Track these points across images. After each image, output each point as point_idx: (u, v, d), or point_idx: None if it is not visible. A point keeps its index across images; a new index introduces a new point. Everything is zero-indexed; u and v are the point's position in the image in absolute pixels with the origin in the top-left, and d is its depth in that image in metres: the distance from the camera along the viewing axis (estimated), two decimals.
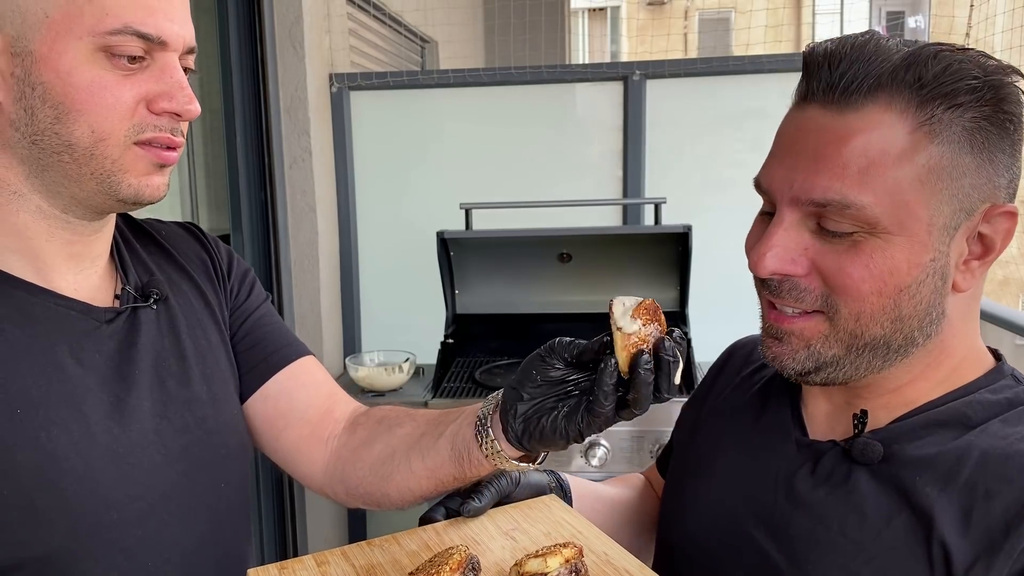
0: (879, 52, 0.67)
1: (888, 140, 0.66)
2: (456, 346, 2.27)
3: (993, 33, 2.49)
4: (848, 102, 0.67)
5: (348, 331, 2.61)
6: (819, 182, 0.67)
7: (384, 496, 0.91)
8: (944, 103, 0.66)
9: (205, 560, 0.84)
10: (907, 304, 0.69)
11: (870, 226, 0.67)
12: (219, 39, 2.15)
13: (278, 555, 2.38)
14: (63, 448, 0.73)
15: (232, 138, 2.17)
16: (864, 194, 0.66)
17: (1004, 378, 0.74)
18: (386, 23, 3.07)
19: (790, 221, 0.70)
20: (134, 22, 0.71)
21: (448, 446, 0.84)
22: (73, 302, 0.79)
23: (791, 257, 0.70)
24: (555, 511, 0.84)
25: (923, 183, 0.66)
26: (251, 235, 2.26)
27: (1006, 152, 0.68)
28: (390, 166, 2.56)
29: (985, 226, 0.69)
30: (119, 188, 0.76)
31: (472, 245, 2.22)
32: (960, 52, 0.67)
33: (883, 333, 0.70)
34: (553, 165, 2.49)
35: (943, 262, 0.68)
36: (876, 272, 0.68)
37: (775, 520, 0.76)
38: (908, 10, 13.09)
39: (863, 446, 0.72)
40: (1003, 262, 4.25)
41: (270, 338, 0.97)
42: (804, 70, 0.71)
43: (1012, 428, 0.69)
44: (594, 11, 13.87)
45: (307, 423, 0.95)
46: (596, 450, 1.95)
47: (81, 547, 0.74)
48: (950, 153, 0.66)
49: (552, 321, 2.28)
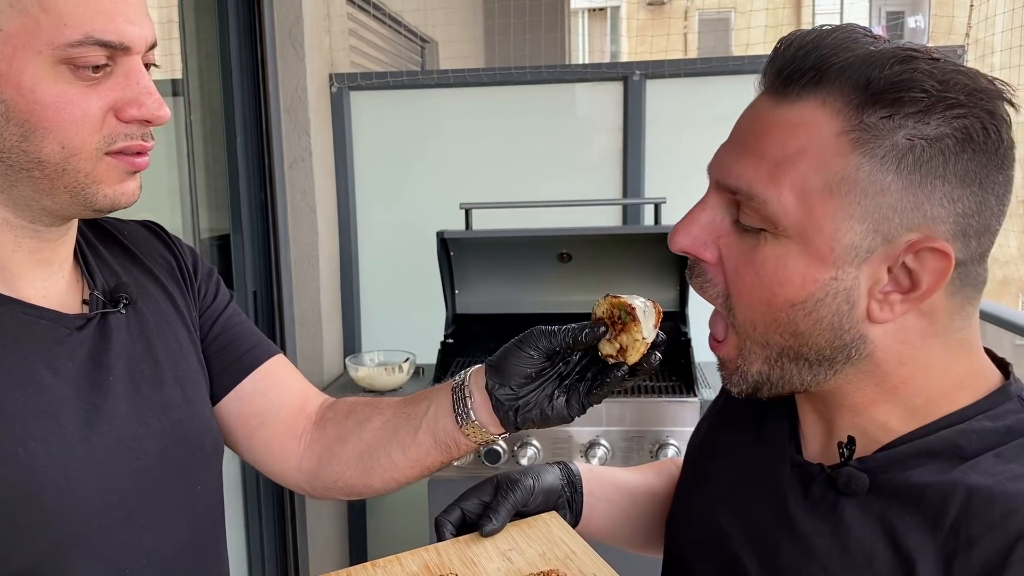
0: (840, 46, 0.61)
1: (810, 138, 0.61)
2: (456, 346, 2.27)
3: (993, 33, 2.49)
4: (786, 93, 0.63)
5: (348, 331, 2.61)
6: (735, 168, 0.65)
7: (368, 487, 0.95)
8: (884, 111, 0.59)
9: (184, 563, 0.84)
10: (803, 321, 0.64)
11: (773, 225, 0.63)
12: (219, 39, 2.15)
13: (279, 560, 2.38)
14: (42, 461, 0.72)
15: (232, 138, 2.17)
16: (770, 189, 0.62)
17: (1009, 400, 0.66)
18: (386, 23, 3.07)
19: (711, 203, 0.68)
20: (95, 31, 0.68)
21: (430, 439, 0.89)
22: (43, 311, 0.78)
23: (703, 240, 0.68)
24: (554, 530, 0.85)
25: (832, 193, 0.61)
26: (251, 235, 2.26)
27: (948, 181, 0.59)
28: (390, 166, 2.56)
29: (911, 259, 0.61)
30: (95, 199, 0.74)
31: (472, 245, 2.22)
32: (933, 60, 0.60)
33: (786, 344, 0.66)
34: (553, 165, 2.49)
35: (848, 285, 0.62)
36: (766, 281, 0.64)
37: (766, 544, 0.72)
38: (908, 10, 13.08)
39: (848, 477, 0.67)
40: (1003, 262, 4.21)
41: (241, 338, 0.97)
42: (768, 59, 0.67)
43: (1005, 464, 0.61)
44: (594, 11, 13.87)
45: (281, 421, 0.97)
46: (596, 450, 1.95)
47: (63, 558, 0.73)
48: (870, 167, 0.60)
49: (552, 321, 2.27)
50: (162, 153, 2.05)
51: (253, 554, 2.32)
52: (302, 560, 2.42)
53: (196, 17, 2.11)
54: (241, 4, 2.17)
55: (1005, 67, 2.57)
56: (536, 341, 0.84)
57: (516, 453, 1.97)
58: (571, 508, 0.92)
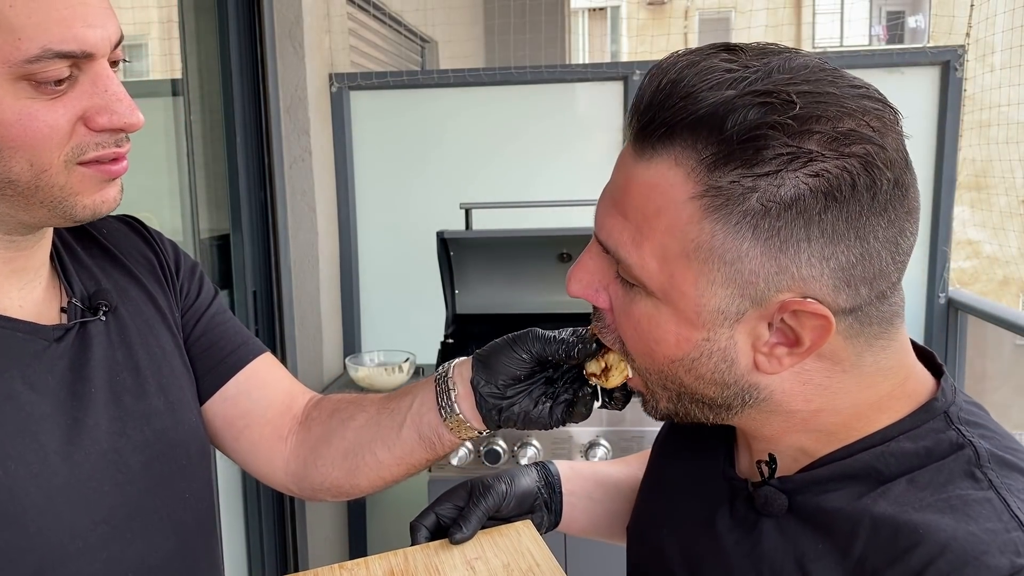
0: (699, 87, 0.55)
1: (665, 201, 0.57)
2: (456, 346, 2.27)
3: (993, 33, 2.49)
4: (643, 148, 0.58)
5: (348, 331, 2.61)
6: (606, 224, 0.62)
7: (354, 487, 0.92)
8: (733, 174, 0.54)
9: (172, 572, 0.83)
10: (685, 376, 0.62)
11: (643, 285, 0.60)
12: (219, 39, 2.15)
13: (279, 561, 2.38)
14: (22, 483, 0.70)
15: (232, 138, 2.17)
16: (633, 253, 0.59)
17: (933, 418, 0.61)
18: (386, 23, 3.07)
19: (597, 250, 0.65)
20: (52, 43, 0.64)
21: (415, 436, 0.86)
22: (18, 323, 0.75)
23: (594, 286, 0.66)
24: (524, 540, 0.84)
25: (690, 260, 0.57)
26: (251, 235, 2.26)
27: (818, 242, 0.54)
28: (390, 166, 2.56)
29: (788, 316, 0.57)
30: (74, 211, 0.71)
31: (472, 245, 2.22)
32: (810, 101, 0.53)
33: (677, 394, 0.64)
34: (553, 165, 2.49)
35: (722, 345, 0.59)
36: (643, 337, 0.62)
37: (693, 562, 0.71)
38: (908, 10, 13.08)
39: (766, 497, 0.64)
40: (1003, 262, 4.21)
41: (226, 337, 0.94)
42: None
43: (917, 492, 0.58)
44: (594, 11, 13.87)
45: (268, 422, 0.94)
46: (596, 450, 1.95)
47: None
48: (725, 235, 0.55)
49: (552, 321, 2.27)
50: (162, 153, 2.05)
51: (253, 554, 2.32)
52: (302, 560, 2.41)
53: (196, 17, 2.11)
54: (241, 4, 2.17)
55: (1005, 67, 2.57)
56: (531, 345, 0.81)
57: (516, 453, 1.97)
58: (550, 508, 0.90)
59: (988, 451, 0.59)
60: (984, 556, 0.52)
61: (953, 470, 0.58)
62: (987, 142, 2.64)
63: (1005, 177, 2.66)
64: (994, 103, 2.59)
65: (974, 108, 2.55)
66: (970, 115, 2.47)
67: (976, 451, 0.59)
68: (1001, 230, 3.04)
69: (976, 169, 2.74)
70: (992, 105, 2.59)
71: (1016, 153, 2.61)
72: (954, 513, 0.55)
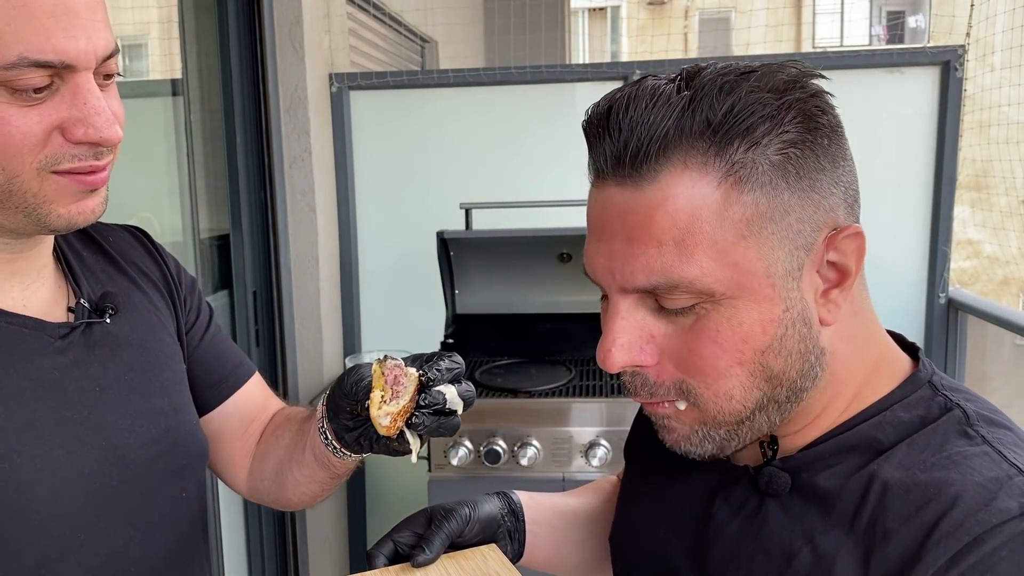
0: (657, 104, 0.59)
1: (695, 203, 0.59)
2: (456, 346, 2.27)
3: (993, 33, 2.49)
4: (641, 173, 0.60)
5: (348, 331, 2.61)
6: (638, 267, 0.61)
7: (287, 501, 0.99)
8: (743, 143, 0.58)
9: (170, 569, 0.84)
10: (776, 362, 0.62)
11: (708, 296, 0.60)
12: (219, 39, 2.15)
13: (279, 561, 2.38)
14: (27, 477, 0.71)
15: (232, 138, 2.17)
16: (688, 267, 0.59)
17: (920, 388, 0.66)
18: (386, 23, 3.07)
19: (625, 308, 0.63)
20: (29, 51, 0.63)
21: (312, 457, 0.91)
22: (24, 319, 0.76)
23: (638, 347, 0.64)
24: (490, 563, 0.82)
25: (746, 237, 0.59)
26: (251, 235, 2.26)
27: (826, 170, 0.61)
28: (390, 166, 2.56)
29: (833, 254, 0.62)
30: (48, 219, 0.71)
31: (472, 245, 2.22)
32: (744, 76, 0.60)
33: (762, 395, 0.64)
34: (553, 165, 2.49)
35: (800, 307, 0.62)
36: (729, 345, 0.61)
37: (699, 555, 0.71)
38: (908, 10, 13.09)
39: (769, 476, 0.67)
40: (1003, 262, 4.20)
41: (225, 356, 0.99)
42: (588, 145, 0.64)
43: (918, 454, 0.62)
44: (594, 11, 13.87)
45: (243, 439, 1.00)
46: (596, 450, 1.95)
47: (49, 572, 0.73)
48: (765, 197, 0.59)
49: (552, 321, 2.28)
50: (162, 153, 2.05)
51: (253, 555, 2.31)
52: (301, 561, 2.41)
53: (196, 17, 2.11)
54: (241, 4, 2.17)
55: (1005, 67, 2.57)
56: (354, 383, 0.82)
57: (516, 453, 1.97)
58: (513, 538, 0.88)
59: (975, 411, 0.64)
60: (994, 501, 0.56)
61: (947, 431, 0.63)
62: (987, 142, 2.63)
63: (1005, 177, 2.66)
64: (994, 103, 2.59)
65: (974, 108, 2.55)
66: (970, 115, 2.47)
67: (965, 412, 0.64)
68: (1001, 230, 3.03)
69: (976, 169, 2.73)
70: (992, 105, 2.58)
71: (1016, 153, 2.60)
72: (957, 467, 0.59)
